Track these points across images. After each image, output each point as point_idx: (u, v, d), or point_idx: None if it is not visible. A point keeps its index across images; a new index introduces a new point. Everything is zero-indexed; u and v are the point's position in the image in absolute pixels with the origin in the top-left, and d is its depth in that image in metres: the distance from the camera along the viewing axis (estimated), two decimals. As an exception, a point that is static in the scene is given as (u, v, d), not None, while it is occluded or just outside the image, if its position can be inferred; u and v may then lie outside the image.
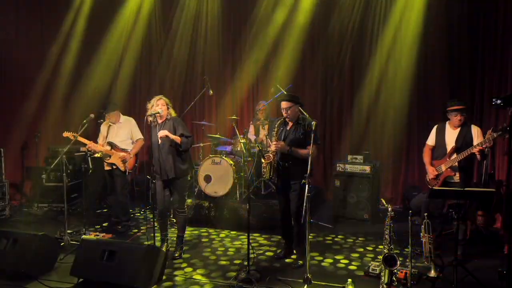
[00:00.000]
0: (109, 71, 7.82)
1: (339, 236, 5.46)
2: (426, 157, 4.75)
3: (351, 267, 4.48)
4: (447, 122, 4.64)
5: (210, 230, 5.73)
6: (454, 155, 4.45)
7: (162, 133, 4.52)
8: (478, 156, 4.28)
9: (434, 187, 4.43)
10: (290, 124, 4.48)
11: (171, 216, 5.43)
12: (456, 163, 4.43)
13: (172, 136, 4.53)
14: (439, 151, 4.64)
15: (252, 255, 4.47)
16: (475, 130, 4.47)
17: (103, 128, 5.65)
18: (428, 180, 4.69)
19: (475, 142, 4.36)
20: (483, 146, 4.18)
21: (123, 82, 7.97)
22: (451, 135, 4.55)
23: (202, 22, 7.74)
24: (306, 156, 4.14)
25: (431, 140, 4.76)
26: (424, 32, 6.45)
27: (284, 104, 4.39)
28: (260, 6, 7.30)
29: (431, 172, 4.61)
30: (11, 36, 7.15)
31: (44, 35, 7.52)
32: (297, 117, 4.46)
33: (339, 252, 4.90)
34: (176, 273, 4.34)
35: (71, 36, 7.56)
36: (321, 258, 4.73)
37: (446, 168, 4.49)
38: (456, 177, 4.49)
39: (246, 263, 4.19)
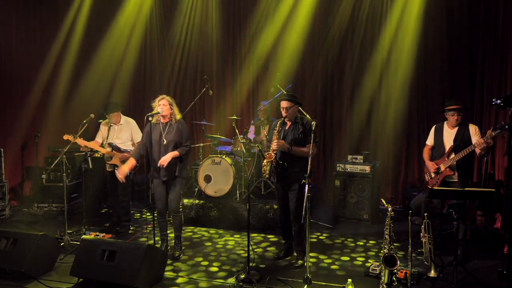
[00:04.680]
0: (109, 70, 7.81)
1: (339, 236, 5.46)
2: (426, 157, 4.76)
3: (351, 267, 4.48)
4: (445, 122, 4.65)
5: (210, 230, 5.72)
6: (452, 155, 4.46)
7: (164, 162, 4.52)
8: (478, 151, 4.28)
9: (434, 187, 4.43)
10: (289, 123, 4.50)
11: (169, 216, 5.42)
12: (455, 163, 4.43)
13: (170, 158, 4.55)
14: (437, 151, 4.65)
15: (252, 256, 4.46)
16: (472, 129, 4.47)
17: (103, 127, 5.62)
18: (427, 180, 4.69)
19: (473, 141, 4.37)
20: (482, 146, 4.17)
21: (124, 82, 7.98)
22: (449, 135, 4.56)
23: (203, 22, 7.75)
24: (306, 155, 4.16)
25: (430, 140, 4.78)
26: (424, 32, 6.48)
27: (284, 104, 4.40)
28: (260, 6, 7.31)
29: (431, 167, 4.61)
30: (11, 36, 7.15)
31: (44, 35, 7.51)
32: (295, 117, 4.48)
33: (339, 252, 4.90)
34: (176, 273, 4.34)
35: (71, 36, 7.56)
36: (321, 258, 4.73)
37: (445, 168, 4.49)
38: (455, 177, 4.49)
39: (246, 262, 4.19)
